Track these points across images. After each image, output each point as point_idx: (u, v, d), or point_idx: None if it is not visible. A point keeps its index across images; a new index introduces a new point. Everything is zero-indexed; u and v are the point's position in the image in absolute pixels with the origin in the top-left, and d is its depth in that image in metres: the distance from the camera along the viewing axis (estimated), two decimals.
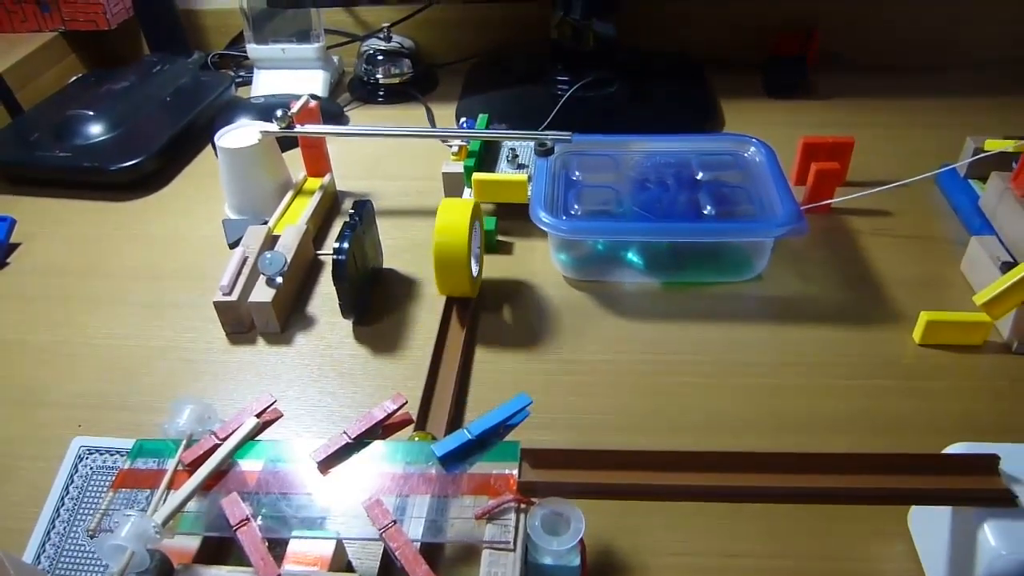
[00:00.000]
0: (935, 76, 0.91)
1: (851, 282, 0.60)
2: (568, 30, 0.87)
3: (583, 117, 0.81)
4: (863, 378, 0.52)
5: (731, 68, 0.92)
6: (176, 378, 0.55)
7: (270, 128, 0.67)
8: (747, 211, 0.58)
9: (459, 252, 0.54)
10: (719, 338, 0.56)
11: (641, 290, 0.61)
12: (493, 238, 0.65)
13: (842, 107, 0.85)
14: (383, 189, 0.74)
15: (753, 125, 0.82)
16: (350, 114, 0.89)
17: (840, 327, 0.56)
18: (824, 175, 0.66)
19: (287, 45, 0.88)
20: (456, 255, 0.54)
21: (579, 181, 0.63)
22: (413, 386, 0.52)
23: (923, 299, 0.58)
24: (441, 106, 0.89)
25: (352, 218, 0.57)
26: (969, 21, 0.91)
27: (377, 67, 0.90)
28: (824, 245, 0.64)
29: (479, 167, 0.69)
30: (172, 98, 0.85)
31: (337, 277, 0.54)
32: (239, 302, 0.57)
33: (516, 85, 0.90)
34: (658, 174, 0.63)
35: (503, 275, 0.63)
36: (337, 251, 0.54)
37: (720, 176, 0.63)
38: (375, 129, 0.68)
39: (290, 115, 0.67)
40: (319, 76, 0.90)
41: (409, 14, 0.92)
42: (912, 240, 0.65)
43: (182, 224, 0.71)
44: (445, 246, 0.54)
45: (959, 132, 0.72)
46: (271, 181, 0.70)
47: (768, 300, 0.59)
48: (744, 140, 0.65)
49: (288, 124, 0.67)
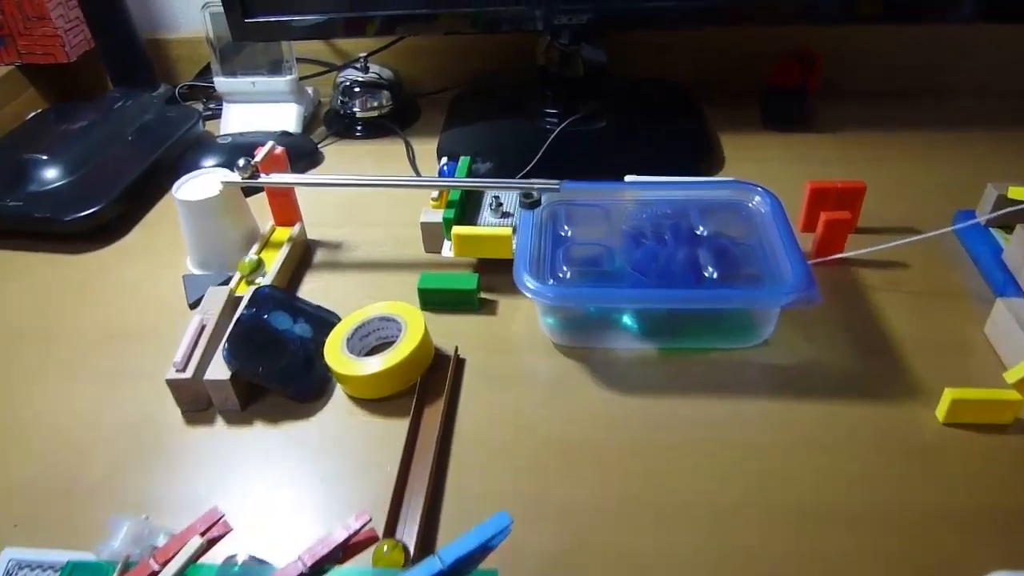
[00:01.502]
0: (943, 105, 0.86)
1: (864, 347, 0.55)
2: (556, 56, 0.82)
3: (572, 155, 0.76)
4: (879, 464, 0.47)
5: (728, 98, 0.87)
6: (127, 465, 0.50)
7: (232, 178, 0.62)
8: (752, 273, 0.53)
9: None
10: (721, 414, 0.51)
11: (636, 357, 0.56)
12: (474, 297, 0.60)
13: (847, 141, 0.80)
14: (357, 238, 0.69)
15: (753, 162, 0.77)
16: (326, 150, 0.83)
17: (853, 401, 0.51)
18: (834, 226, 0.61)
19: (257, 78, 0.83)
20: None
21: (568, 237, 0.58)
22: (388, 473, 0.46)
23: (944, 367, 0.53)
24: (423, 140, 0.84)
25: (248, 308, 0.55)
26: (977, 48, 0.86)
27: (354, 99, 0.84)
28: (834, 302, 0.59)
29: (461, 216, 0.64)
30: (135, 136, 0.80)
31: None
32: (194, 380, 0.52)
33: (502, 116, 0.85)
34: (654, 227, 0.58)
35: (486, 338, 0.58)
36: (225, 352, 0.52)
37: (722, 230, 0.57)
38: (344, 179, 0.62)
39: (253, 164, 0.62)
40: (292, 110, 0.85)
41: (387, 44, 0.87)
42: (929, 296, 0.60)
43: (142, 279, 0.66)
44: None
45: (972, 168, 0.68)
46: (235, 233, 0.64)
47: (774, 369, 0.54)
48: (748, 188, 0.60)
49: (251, 174, 0.62)
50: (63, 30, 0.86)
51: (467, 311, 0.60)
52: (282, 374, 0.53)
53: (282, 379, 0.53)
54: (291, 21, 0.74)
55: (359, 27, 0.75)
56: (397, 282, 0.64)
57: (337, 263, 0.67)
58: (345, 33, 0.80)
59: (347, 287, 0.64)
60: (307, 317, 0.57)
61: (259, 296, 0.57)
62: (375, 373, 0.52)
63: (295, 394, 0.53)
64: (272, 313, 0.56)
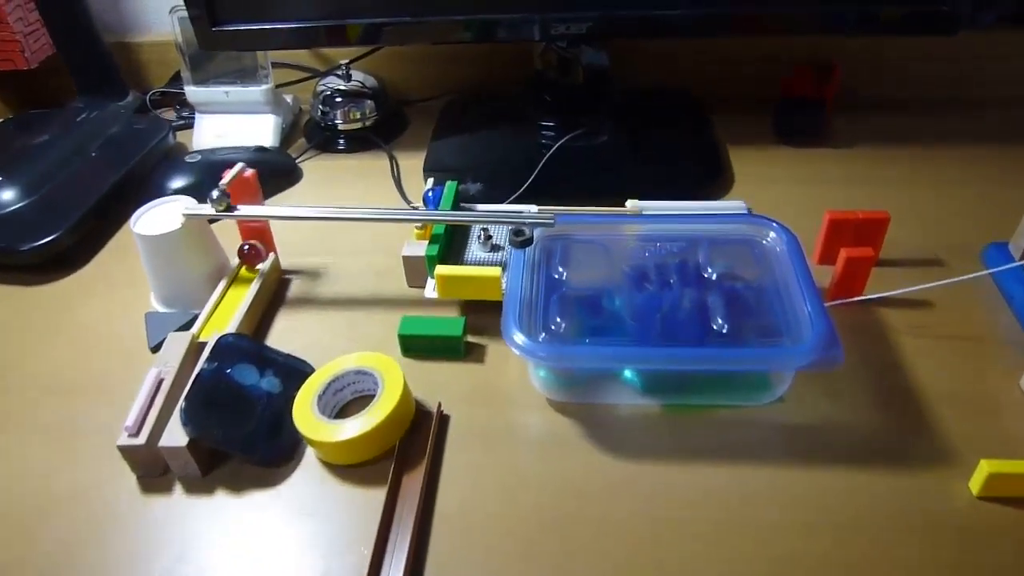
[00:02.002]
0: (973, 117, 0.80)
1: (888, 403, 0.50)
2: (554, 59, 0.76)
3: (570, 174, 0.71)
4: (904, 543, 0.42)
5: (740, 108, 0.81)
6: (76, 541, 0.45)
7: (196, 210, 0.57)
8: (767, 326, 0.48)
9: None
10: (730, 485, 0.46)
11: (638, 415, 0.51)
12: (460, 344, 0.54)
13: (866, 157, 0.75)
14: (336, 268, 0.64)
15: (765, 182, 0.71)
16: (306, 166, 0.78)
17: (876, 469, 0.46)
18: (855, 264, 0.55)
19: (230, 87, 0.77)
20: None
21: (563, 280, 0.52)
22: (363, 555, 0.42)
23: (976, 428, 0.48)
24: (410, 154, 0.78)
25: (210, 361, 0.50)
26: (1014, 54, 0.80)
27: (335, 110, 0.78)
28: (855, 348, 0.54)
29: (446, 250, 0.59)
30: (100, 152, 0.74)
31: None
32: (148, 446, 0.47)
33: (495, 128, 0.79)
34: (658, 268, 0.53)
35: (472, 390, 0.53)
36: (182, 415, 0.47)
37: (733, 271, 0.52)
38: (317, 212, 0.56)
39: (225, 193, 0.56)
40: (269, 122, 0.79)
41: (370, 49, 0.81)
42: (958, 342, 0.54)
43: (101, 317, 0.61)
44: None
45: (1005, 188, 0.62)
46: (201, 268, 0.59)
47: (789, 431, 0.49)
48: (762, 223, 0.55)
49: (226, 206, 0.56)
50: (22, 34, 0.80)
51: (452, 358, 0.55)
52: (246, 441, 0.48)
53: (246, 446, 0.48)
54: (264, 30, 0.68)
55: (340, 36, 0.69)
56: (378, 322, 0.58)
57: (313, 298, 0.61)
58: (324, 42, 0.75)
59: (323, 327, 0.58)
60: (276, 368, 0.52)
61: (222, 347, 0.52)
62: (348, 440, 0.47)
63: (260, 462, 0.48)
64: (237, 366, 0.51)
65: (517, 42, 0.71)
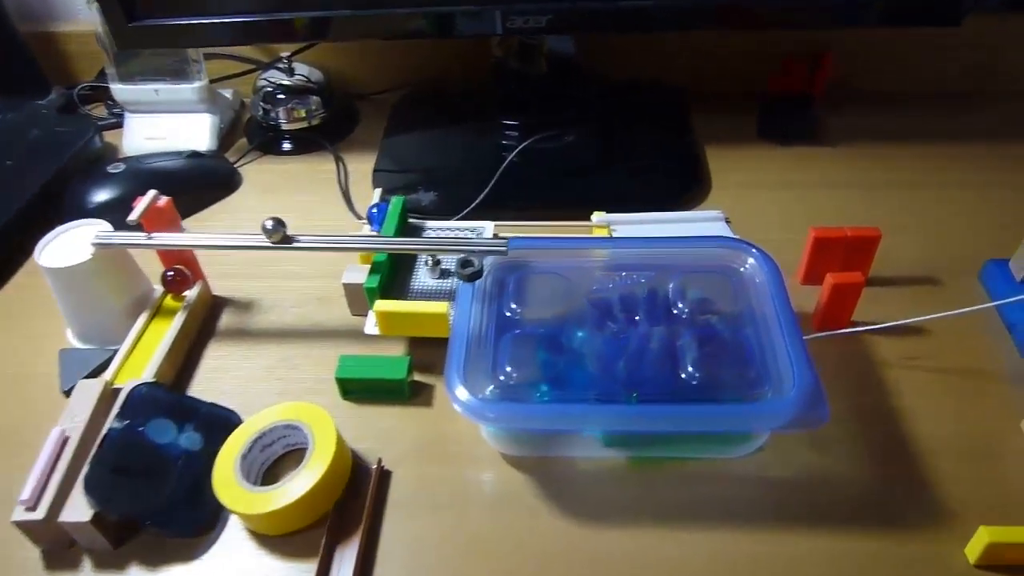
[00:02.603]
0: (971, 111, 0.74)
1: (879, 454, 0.45)
2: (515, 47, 0.69)
3: (532, 182, 0.65)
4: None
5: (722, 103, 0.74)
6: None
7: (107, 239, 0.50)
8: (743, 376, 0.43)
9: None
10: (702, 548, 0.41)
11: (602, 469, 0.45)
12: (404, 386, 0.49)
13: (857, 158, 0.69)
14: (273, 294, 0.58)
15: (745, 188, 0.65)
16: (247, 170, 0.71)
17: (865, 532, 0.42)
18: (843, 291, 0.50)
19: (160, 85, 0.70)
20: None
21: (516, 319, 0.47)
22: None
23: (975, 482, 0.44)
24: (360, 156, 0.71)
25: (120, 418, 0.44)
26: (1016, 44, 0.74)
27: (277, 107, 0.72)
28: (842, 388, 0.49)
29: (390, 278, 0.53)
30: (17, 160, 0.67)
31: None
32: (48, 520, 0.42)
33: (453, 125, 0.73)
34: (624, 301, 0.47)
35: (418, 440, 0.47)
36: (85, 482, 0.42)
37: (707, 306, 0.47)
38: (237, 240, 0.50)
39: (138, 226, 0.50)
40: (204, 122, 0.72)
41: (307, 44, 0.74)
42: (955, 377, 0.49)
43: (10, 353, 0.55)
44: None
45: (1005, 191, 0.57)
46: (118, 300, 0.53)
47: (769, 485, 0.44)
48: (741, 248, 0.49)
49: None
50: None
51: (397, 402, 0.49)
52: (160, 511, 0.43)
53: (160, 520, 0.42)
54: (191, 25, 0.61)
55: (279, 32, 0.62)
56: (317, 358, 0.53)
57: (247, 329, 0.56)
58: (262, 38, 0.67)
59: (256, 365, 0.53)
60: (198, 421, 0.47)
61: (135, 400, 0.46)
62: (273, 512, 0.41)
63: (177, 535, 0.43)
64: (151, 422, 0.45)
65: (472, 37, 0.64)
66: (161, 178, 0.66)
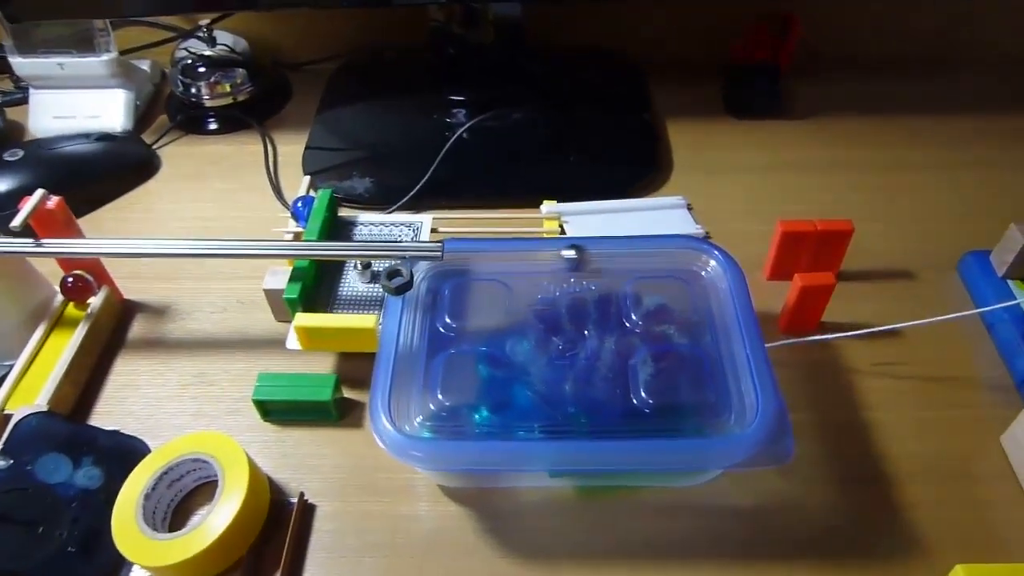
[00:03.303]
0: (944, 80, 0.69)
1: (849, 479, 0.42)
2: (458, 12, 0.63)
3: (477, 166, 0.59)
4: None
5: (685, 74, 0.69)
6: None
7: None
8: (702, 401, 0.38)
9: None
10: None
11: (547, 501, 0.41)
12: (330, 407, 0.44)
13: (827, 131, 0.64)
14: (191, 298, 0.52)
15: (708, 172, 0.61)
16: (165, 152, 0.64)
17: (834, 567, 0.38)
18: (812, 294, 0.46)
19: (65, 58, 0.63)
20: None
21: (450, 334, 0.42)
22: None
23: (949, 504, 0.41)
24: (291, 135, 0.65)
25: (4, 456, 0.39)
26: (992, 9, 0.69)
27: (198, 81, 0.65)
28: (809, 401, 0.45)
29: (315, 283, 0.48)
30: None
31: None
32: None
33: (392, 100, 0.67)
34: (572, 311, 0.43)
35: (346, 469, 0.43)
36: None
37: (664, 316, 0.42)
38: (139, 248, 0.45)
39: (27, 228, 0.44)
40: (118, 99, 0.65)
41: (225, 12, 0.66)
42: (931, 386, 0.46)
43: None
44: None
45: (990, 170, 0.53)
46: (11, 312, 0.47)
47: (730, 517, 0.40)
48: (702, 249, 0.44)
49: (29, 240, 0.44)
50: None
51: (323, 423, 0.45)
52: (49, 565, 0.38)
53: (49, 573, 0.38)
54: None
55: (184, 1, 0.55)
56: (238, 373, 0.48)
57: (160, 340, 0.50)
58: (176, 8, 0.60)
59: (169, 382, 0.48)
60: (98, 454, 0.42)
61: (22, 434, 0.41)
62: (181, 562, 0.37)
63: None
64: (42, 459, 0.40)
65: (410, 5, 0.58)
66: (67, 165, 0.60)
